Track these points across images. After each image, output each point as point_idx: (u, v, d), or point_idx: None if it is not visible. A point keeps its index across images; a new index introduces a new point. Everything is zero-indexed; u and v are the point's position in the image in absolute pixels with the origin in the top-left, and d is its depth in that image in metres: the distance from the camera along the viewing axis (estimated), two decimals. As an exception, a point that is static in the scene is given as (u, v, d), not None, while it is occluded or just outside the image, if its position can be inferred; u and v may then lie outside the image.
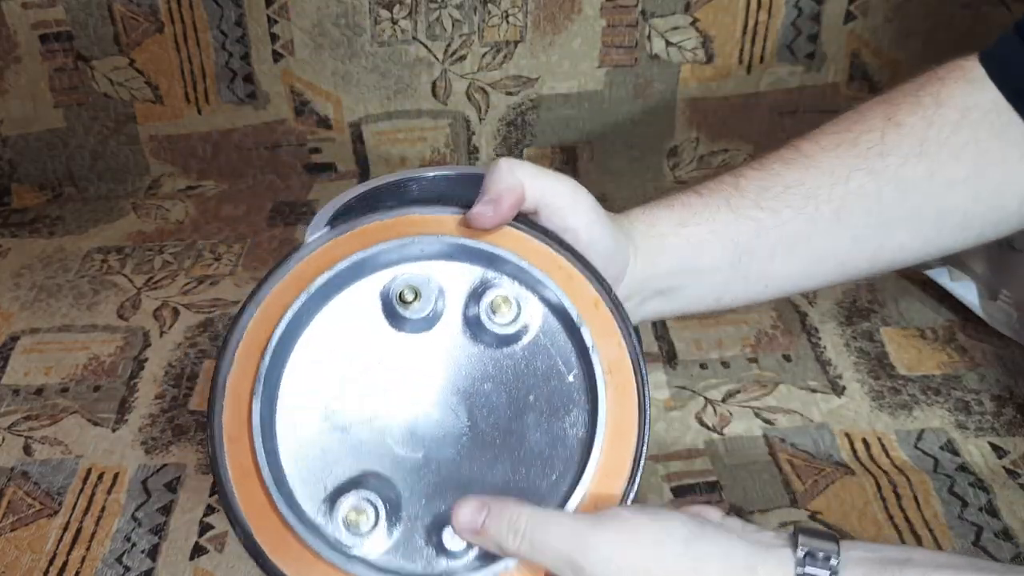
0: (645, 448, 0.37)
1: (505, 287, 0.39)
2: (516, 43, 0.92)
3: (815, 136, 0.46)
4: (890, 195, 0.44)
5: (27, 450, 0.66)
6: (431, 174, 0.53)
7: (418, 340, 0.39)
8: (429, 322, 0.39)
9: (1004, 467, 0.60)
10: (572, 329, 0.38)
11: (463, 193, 0.45)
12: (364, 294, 0.40)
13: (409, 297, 0.39)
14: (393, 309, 0.39)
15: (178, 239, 0.90)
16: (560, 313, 0.39)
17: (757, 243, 0.45)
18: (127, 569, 0.58)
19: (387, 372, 0.39)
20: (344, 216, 0.44)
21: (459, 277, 0.40)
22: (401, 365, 0.39)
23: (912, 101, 0.44)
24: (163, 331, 0.77)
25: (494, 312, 0.39)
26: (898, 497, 0.59)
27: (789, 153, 0.45)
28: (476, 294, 0.39)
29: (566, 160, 0.98)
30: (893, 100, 0.45)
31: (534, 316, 0.39)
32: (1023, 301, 0.70)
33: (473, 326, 0.39)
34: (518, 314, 0.39)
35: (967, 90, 0.44)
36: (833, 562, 0.33)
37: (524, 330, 0.39)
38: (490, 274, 0.40)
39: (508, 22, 0.91)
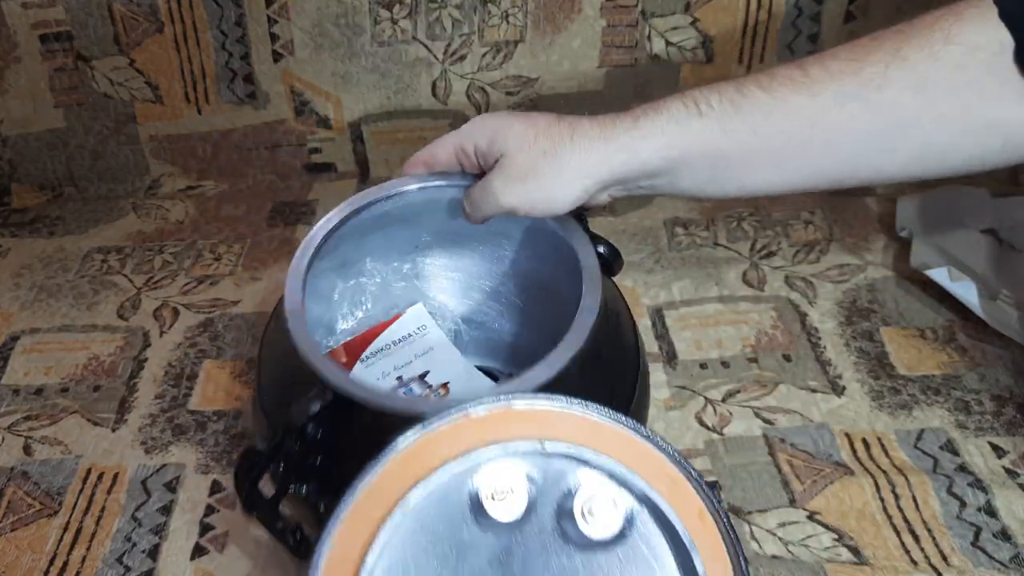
0: None
1: (602, 489, 0.37)
2: (516, 43, 0.92)
3: (826, 59, 0.47)
4: (880, 126, 0.46)
5: (27, 450, 0.67)
6: (415, 186, 0.54)
7: (506, 539, 0.37)
8: (518, 521, 0.37)
9: (1004, 467, 0.60)
10: (674, 538, 0.36)
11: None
12: (451, 489, 0.37)
13: (500, 496, 0.37)
14: (481, 506, 0.37)
15: (178, 239, 0.90)
16: (661, 519, 0.37)
17: (741, 159, 0.48)
18: (128, 569, 0.58)
19: (472, 572, 0.37)
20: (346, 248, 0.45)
21: (553, 476, 0.38)
22: (487, 565, 0.37)
23: (924, 35, 0.45)
24: (163, 331, 0.77)
25: (589, 515, 0.37)
26: (897, 497, 0.59)
27: (797, 73, 0.47)
28: (570, 494, 0.37)
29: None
30: (908, 32, 0.46)
31: (632, 521, 0.37)
32: (1023, 301, 0.70)
33: (565, 528, 0.37)
34: (615, 519, 0.37)
35: (980, 28, 0.44)
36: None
37: (621, 536, 0.37)
38: (586, 473, 0.38)
39: (508, 22, 0.91)
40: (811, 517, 0.58)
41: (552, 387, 0.43)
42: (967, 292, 0.70)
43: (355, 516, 0.36)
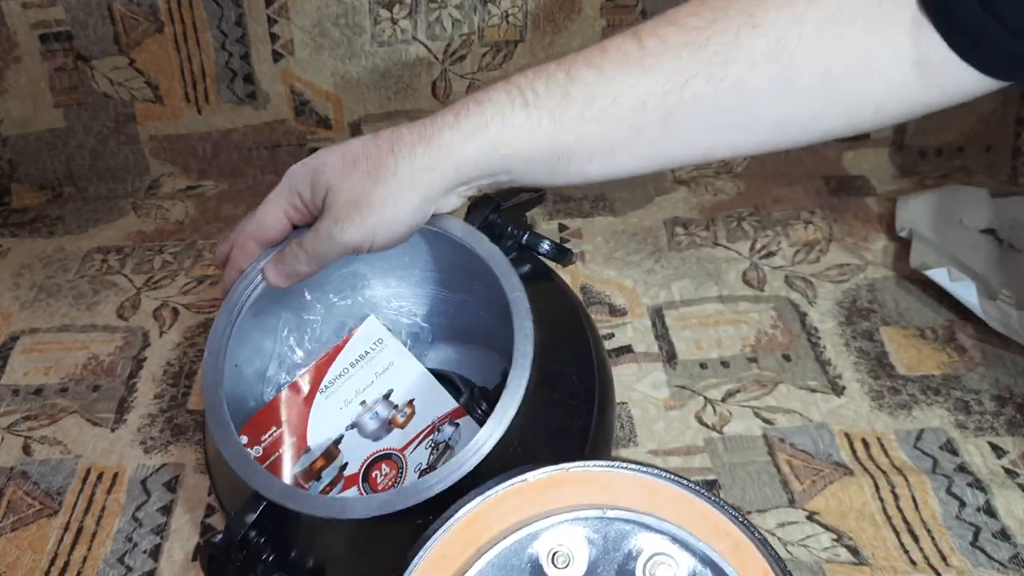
0: None
1: (664, 551, 0.37)
2: (516, 43, 0.92)
3: (666, 27, 0.43)
4: (727, 102, 0.42)
5: (26, 450, 0.67)
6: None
7: None
8: None
9: (1003, 467, 0.60)
10: None
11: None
12: (512, 556, 0.37)
13: (562, 563, 0.36)
14: (542, 572, 0.36)
15: (178, 239, 0.90)
16: None
17: (576, 148, 0.44)
18: (129, 569, 0.58)
19: None
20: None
21: (614, 539, 0.37)
22: None
23: None
24: (163, 331, 0.77)
25: None
26: (896, 497, 0.59)
27: (632, 47, 0.43)
28: (632, 557, 0.37)
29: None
30: None
31: None
32: (1023, 301, 0.70)
33: None
34: None
35: None
36: None
37: None
38: (647, 535, 0.37)
39: (508, 22, 0.91)
40: (810, 517, 0.58)
41: (500, 446, 0.44)
42: (967, 292, 0.70)
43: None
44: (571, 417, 0.52)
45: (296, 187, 0.48)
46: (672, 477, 0.38)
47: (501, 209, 0.53)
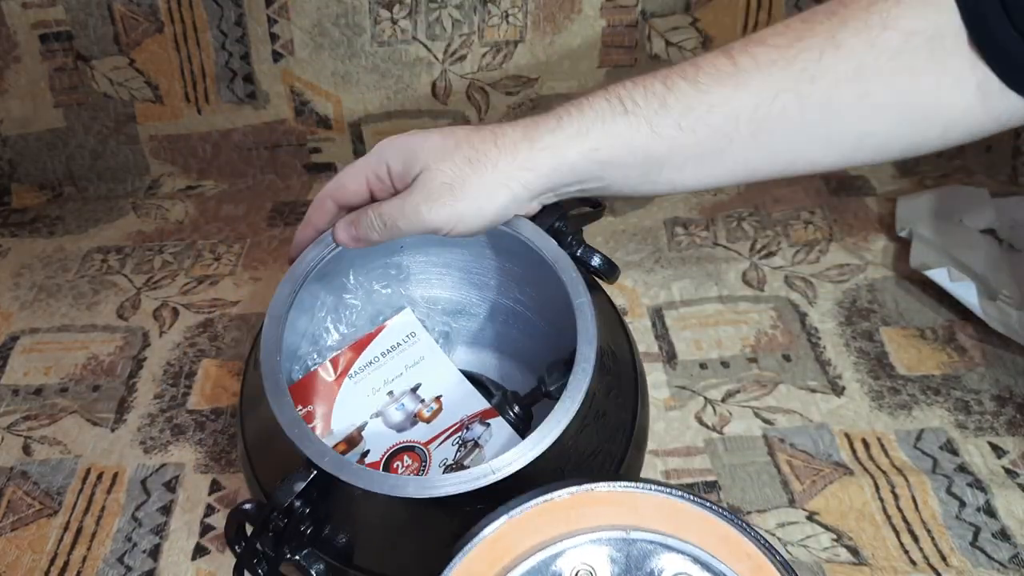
0: None
1: (686, 573, 0.37)
2: (516, 43, 0.92)
3: (755, 46, 0.45)
4: (813, 118, 0.45)
5: (26, 450, 0.67)
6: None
7: None
8: None
9: (1003, 467, 0.60)
10: None
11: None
12: (536, 572, 0.37)
13: None
14: None
15: (178, 239, 0.90)
16: None
17: (669, 156, 0.46)
18: (129, 569, 0.58)
19: None
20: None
21: (637, 558, 0.37)
22: None
23: (861, 19, 0.43)
24: (163, 331, 0.77)
25: None
26: (896, 497, 0.59)
27: (724, 63, 0.45)
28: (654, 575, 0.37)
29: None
30: (843, 15, 0.44)
31: None
32: (1023, 301, 0.70)
33: None
34: None
35: (920, 11, 0.43)
36: None
37: None
38: (670, 556, 0.37)
39: (508, 22, 0.91)
40: (810, 517, 0.58)
41: (547, 452, 0.43)
42: (967, 292, 0.70)
43: None
44: (614, 433, 0.51)
45: (386, 158, 0.48)
46: (696, 499, 0.38)
47: (567, 217, 0.53)
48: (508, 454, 0.44)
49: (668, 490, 0.38)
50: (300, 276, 0.51)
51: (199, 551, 0.59)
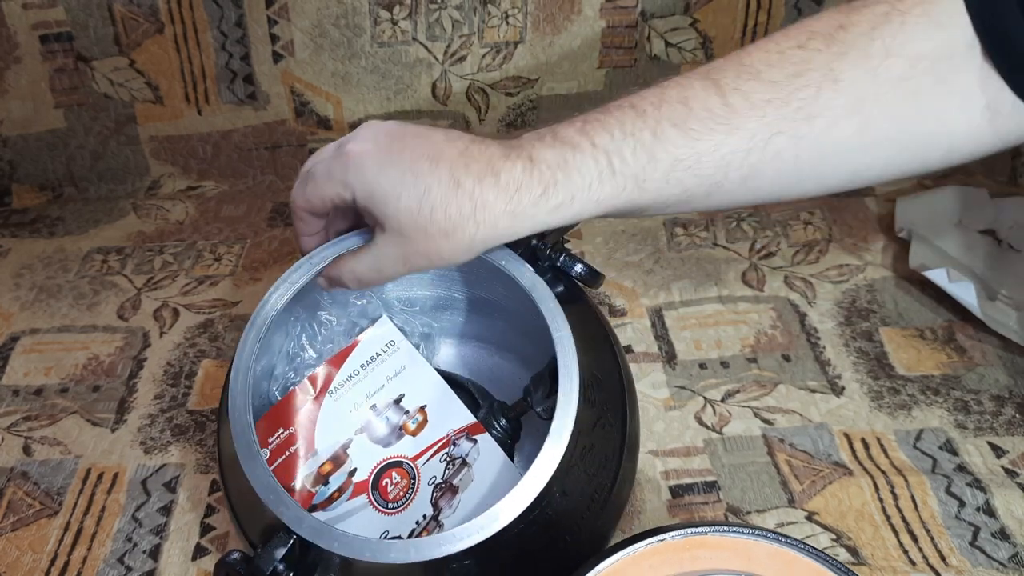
0: None
1: None
2: (516, 44, 0.92)
3: (748, 81, 0.42)
4: (808, 158, 0.43)
5: (26, 450, 0.67)
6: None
7: None
8: None
9: (1003, 467, 0.60)
10: None
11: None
12: None
13: None
14: None
15: (178, 239, 0.90)
16: None
17: (652, 206, 0.45)
18: (129, 569, 0.58)
19: None
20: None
21: None
22: None
23: (862, 48, 0.41)
24: (163, 331, 0.77)
25: None
26: (895, 497, 0.59)
27: (716, 103, 0.42)
28: None
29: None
30: (843, 41, 0.41)
31: None
32: (1022, 301, 0.70)
33: None
34: None
35: (926, 32, 0.41)
36: None
37: None
38: None
39: (508, 23, 0.91)
40: (810, 517, 0.58)
41: (541, 496, 0.43)
42: (966, 293, 0.70)
43: None
44: (604, 461, 0.51)
45: (353, 189, 0.45)
46: (812, 551, 0.38)
47: (544, 236, 0.52)
48: (492, 510, 0.43)
49: (784, 539, 0.38)
50: (263, 323, 0.50)
51: (199, 551, 0.59)
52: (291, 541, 0.44)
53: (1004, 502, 0.58)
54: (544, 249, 0.52)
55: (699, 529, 0.38)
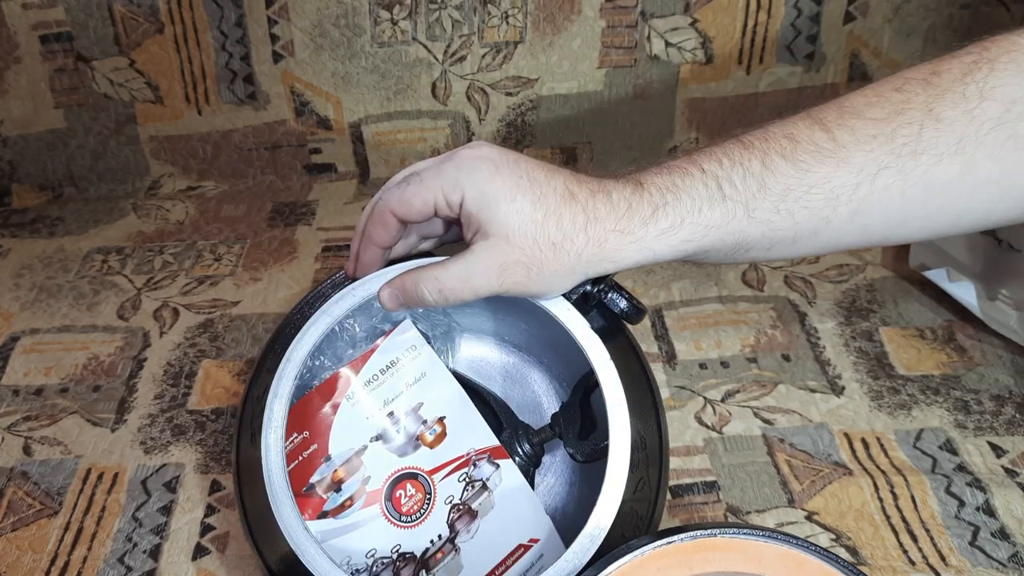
0: None
1: None
2: (516, 44, 0.92)
3: (852, 119, 0.43)
4: (915, 196, 0.43)
5: (27, 450, 0.67)
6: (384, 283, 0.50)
7: None
8: None
9: (1003, 466, 0.60)
10: None
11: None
12: None
13: None
14: None
15: (178, 239, 0.90)
16: None
17: (762, 240, 0.44)
18: (129, 569, 0.58)
19: None
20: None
21: None
22: None
23: (957, 90, 0.41)
24: (163, 331, 0.77)
25: None
26: (895, 497, 0.59)
27: (822, 137, 0.42)
28: None
29: (566, 161, 0.98)
30: (937, 84, 0.42)
31: None
32: (1022, 301, 0.70)
33: None
34: None
35: (1015, 79, 0.41)
36: None
37: None
38: None
39: (508, 23, 0.91)
40: (809, 517, 0.58)
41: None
42: (966, 293, 0.70)
43: None
44: (635, 523, 0.49)
45: (463, 188, 0.43)
46: (823, 553, 0.37)
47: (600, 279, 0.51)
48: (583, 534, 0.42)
49: (795, 541, 0.38)
50: (299, 360, 0.50)
51: (199, 551, 0.59)
52: None
53: (1004, 502, 0.58)
54: (592, 289, 0.50)
55: (708, 531, 0.38)
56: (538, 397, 0.62)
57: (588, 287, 0.50)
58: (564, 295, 0.49)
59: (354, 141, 0.97)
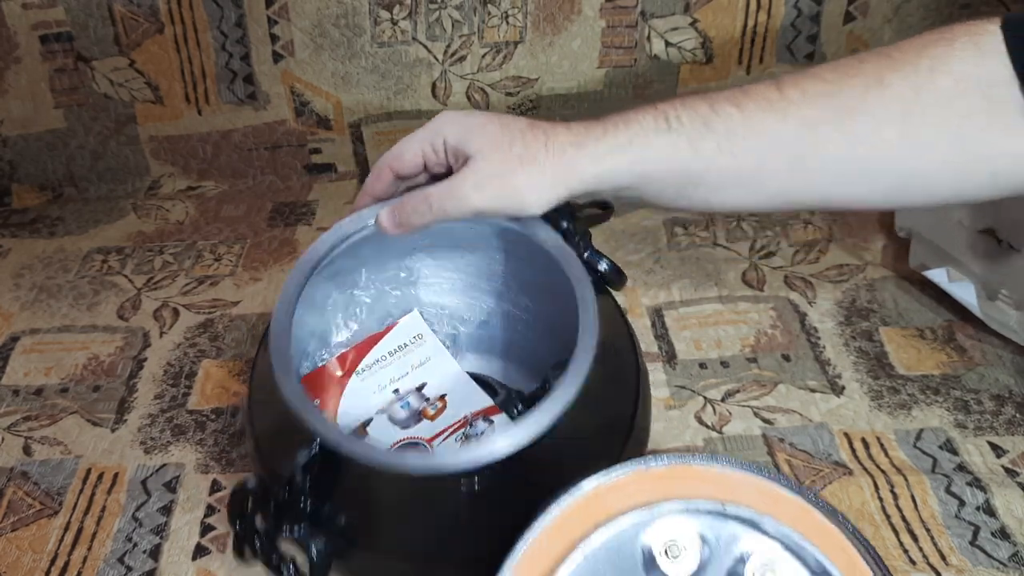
0: None
1: (775, 558, 0.37)
2: (516, 44, 0.92)
3: (805, 80, 0.46)
4: (855, 155, 0.45)
5: (27, 450, 0.67)
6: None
7: None
8: None
9: (1003, 466, 0.60)
10: None
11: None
12: (625, 541, 0.37)
13: (676, 553, 0.37)
14: (653, 562, 0.37)
15: (178, 239, 0.90)
16: None
17: (706, 176, 0.47)
18: (129, 569, 0.58)
19: None
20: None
21: (727, 539, 0.37)
22: None
23: (910, 62, 0.44)
24: (163, 331, 0.77)
25: None
26: (895, 497, 0.59)
27: (772, 93, 0.46)
28: (742, 560, 0.37)
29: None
30: (894, 56, 0.45)
31: None
32: (1022, 301, 0.70)
33: None
34: None
35: (973, 59, 0.43)
36: None
37: None
38: (760, 540, 0.37)
39: (508, 23, 0.91)
40: (810, 517, 0.58)
41: (549, 433, 0.43)
42: (966, 293, 0.70)
43: (533, 554, 0.37)
44: (610, 425, 0.51)
45: (444, 132, 0.50)
46: (795, 487, 0.38)
47: (575, 218, 0.54)
48: (509, 432, 0.43)
49: (767, 473, 0.38)
50: (307, 265, 0.51)
51: (199, 551, 0.59)
52: (314, 449, 0.44)
53: (1004, 501, 0.58)
54: (573, 235, 0.53)
55: (683, 457, 0.39)
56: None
57: (565, 224, 0.52)
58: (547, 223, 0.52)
59: (354, 141, 0.97)
